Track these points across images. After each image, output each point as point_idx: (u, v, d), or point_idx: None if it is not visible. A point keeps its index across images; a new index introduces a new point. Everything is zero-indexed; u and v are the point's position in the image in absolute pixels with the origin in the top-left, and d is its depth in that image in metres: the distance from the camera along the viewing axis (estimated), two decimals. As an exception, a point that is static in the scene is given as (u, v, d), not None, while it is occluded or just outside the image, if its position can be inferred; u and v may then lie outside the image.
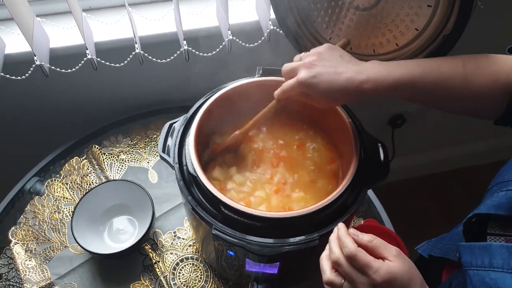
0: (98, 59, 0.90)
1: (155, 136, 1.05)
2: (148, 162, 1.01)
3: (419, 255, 0.93)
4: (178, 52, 0.92)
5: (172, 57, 0.93)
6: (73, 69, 0.90)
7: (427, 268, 0.90)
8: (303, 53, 0.66)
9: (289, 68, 0.66)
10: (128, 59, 0.91)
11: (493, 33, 1.16)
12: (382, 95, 0.60)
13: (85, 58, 0.87)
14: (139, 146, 1.03)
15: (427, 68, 0.60)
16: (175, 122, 0.74)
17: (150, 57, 0.92)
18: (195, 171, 0.65)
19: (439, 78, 0.59)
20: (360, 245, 0.51)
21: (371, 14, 0.70)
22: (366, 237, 0.51)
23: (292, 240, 0.61)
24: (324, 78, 0.60)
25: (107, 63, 0.91)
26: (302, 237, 0.61)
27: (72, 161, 1.00)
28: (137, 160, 1.01)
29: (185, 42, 0.89)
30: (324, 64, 0.62)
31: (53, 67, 0.89)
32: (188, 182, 0.67)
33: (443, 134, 1.64)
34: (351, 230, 0.53)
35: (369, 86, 0.59)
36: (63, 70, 0.90)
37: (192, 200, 0.65)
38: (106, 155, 1.01)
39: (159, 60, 0.93)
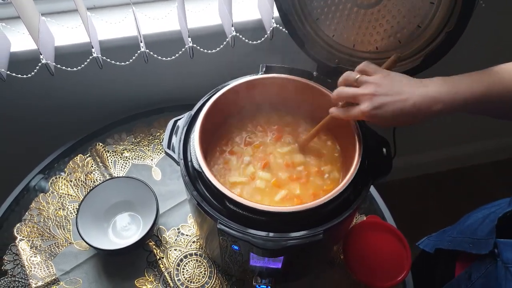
0: (104, 57, 0.91)
1: (159, 134, 1.06)
2: (151, 160, 1.02)
3: (420, 252, 0.94)
4: (183, 49, 0.92)
5: (177, 55, 0.94)
6: (79, 67, 0.91)
7: (434, 262, 0.91)
8: (355, 74, 0.65)
9: (345, 94, 0.65)
10: (134, 57, 0.92)
11: (495, 29, 1.17)
12: (450, 114, 0.61)
13: (90, 57, 0.88)
14: (142, 144, 1.04)
15: (492, 82, 0.59)
16: (179, 119, 0.75)
17: (155, 55, 0.93)
18: (200, 166, 0.66)
19: (505, 91, 0.59)
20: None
21: (374, 11, 0.70)
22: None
23: (296, 234, 0.61)
24: (389, 108, 0.60)
25: (112, 61, 0.92)
26: (306, 232, 0.61)
27: (76, 158, 1.01)
28: (141, 157, 1.02)
29: (189, 39, 0.90)
30: (386, 93, 0.61)
31: (58, 66, 0.90)
32: (193, 177, 0.67)
33: (444, 133, 1.64)
34: None
35: (439, 107, 0.59)
36: (69, 69, 0.91)
37: (197, 195, 0.65)
38: (110, 153, 1.02)
39: (164, 58, 0.94)
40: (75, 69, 0.91)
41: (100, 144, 1.03)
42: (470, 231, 0.80)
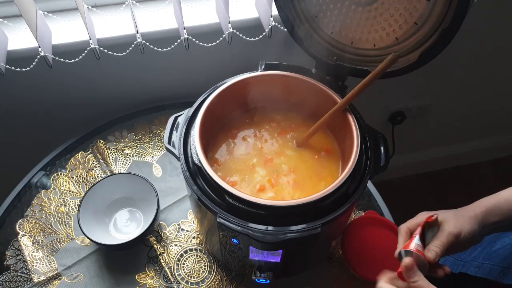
0: (101, 48, 0.91)
1: (159, 131, 1.07)
2: (152, 157, 1.03)
3: None
4: (178, 40, 0.93)
5: (173, 46, 0.94)
6: (77, 59, 0.91)
7: (462, 282, 0.90)
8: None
9: None
10: (130, 48, 0.92)
11: (490, 27, 1.18)
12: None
13: (88, 48, 0.89)
14: (143, 141, 1.05)
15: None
16: (180, 115, 0.76)
17: (151, 46, 0.94)
18: (200, 161, 0.67)
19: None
20: None
21: (372, 9, 0.71)
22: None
23: (294, 228, 0.62)
24: None
25: (110, 52, 0.93)
26: (304, 225, 0.62)
27: (78, 155, 1.02)
28: (142, 154, 1.03)
29: (185, 31, 0.90)
30: None
31: (57, 58, 0.91)
32: (193, 172, 0.68)
33: (443, 132, 1.65)
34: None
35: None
36: (67, 61, 0.91)
37: (198, 190, 0.66)
38: (111, 150, 1.03)
39: (160, 49, 0.94)
40: (73, 60, 0.91)
41: (101, 141, 1.04)
42: (500, 258, 0.79)
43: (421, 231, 0.65)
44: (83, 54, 0.91)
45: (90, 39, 0.88)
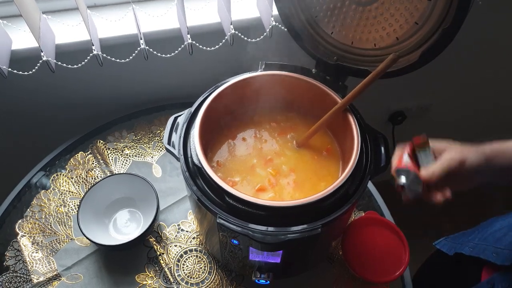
0: (104, 55, 0.91)
1: (159, 131, 1.07)
2: (152, 157, 1.02)
3: (435, 252, 0.94)
4: (182, 46, 0.93)
5: (176, 51, 0.94)
6: (79, 64, 0.91)
7: (454, 266, 0.91)
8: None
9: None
10: (133, 55, 0.93)
11: (491, 27, 1.18)
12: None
13: (90, 54, 0.89)
14: (143, 141, 1.05)
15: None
16: (179, 116, 0.76)
17: (155, 52, 0.94)
18: (199, 162, 0.66)
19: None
20: None
21: (372, 9, 0.71)
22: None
23: (295, 228, 0.62)
24: None
25: (113, 58, 0.93)
26: (305, 226, 0.62)
27: (77, 155, 1.02)
28: (141, 155, 1.03)
29: (189, 36, 0.91)
30: None
31: (59, 63, 0.91)
32: (193, 173, 0.68)
33: (443, 132, 1.64)
34: None
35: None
36: (69, 66, 0.91)
37: (197, 190, 0.66)
38: (111, 150, 1.03)
39: (163, 55, 0.95)
40: (75, 66, 0.91)
41: (101, 141, 1.04)
42: (494, 239, 0.80)
43: (410, 150, 0.63)
44: (86, 60, 0.91)
45: (93, 45, 0.87)
